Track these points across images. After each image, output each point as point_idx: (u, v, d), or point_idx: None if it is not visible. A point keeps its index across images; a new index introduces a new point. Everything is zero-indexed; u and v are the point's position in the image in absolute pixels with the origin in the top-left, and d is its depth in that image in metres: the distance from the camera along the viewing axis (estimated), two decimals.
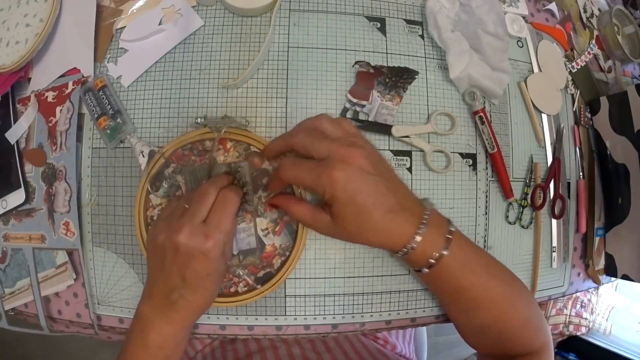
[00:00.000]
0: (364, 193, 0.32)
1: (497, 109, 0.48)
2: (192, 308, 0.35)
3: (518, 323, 0.38)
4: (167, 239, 0.33)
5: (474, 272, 0.36)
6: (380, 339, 0.57)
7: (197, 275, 0.33)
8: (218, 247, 0.33)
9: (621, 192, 0.52)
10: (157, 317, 0.35)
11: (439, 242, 0.34)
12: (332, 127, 0.34)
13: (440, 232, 0.34)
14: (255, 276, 0.41)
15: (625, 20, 0.60)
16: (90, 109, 0.42)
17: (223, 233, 0.34)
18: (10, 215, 0.45)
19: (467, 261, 0.36)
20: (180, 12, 0.43)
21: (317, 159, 0.33)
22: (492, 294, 0.37)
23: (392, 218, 0.33)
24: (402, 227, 0.33)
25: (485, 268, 0.37)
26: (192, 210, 0.34)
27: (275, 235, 0.41)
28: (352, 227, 0.33)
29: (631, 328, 1.49)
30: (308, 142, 0.33)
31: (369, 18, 0.46)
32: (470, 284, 0.36)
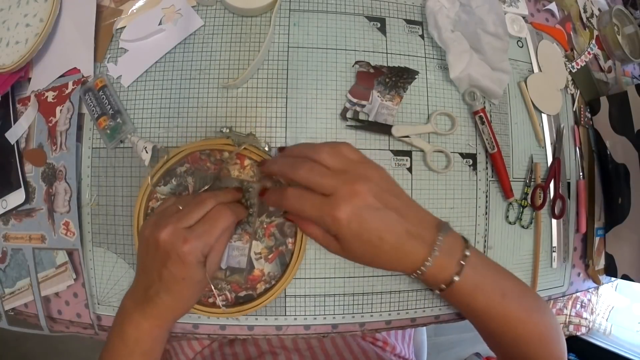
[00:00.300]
0: (370, 230, 0.32)
1: (497, 109, 0.48)
2: (165, 308, 0.35)
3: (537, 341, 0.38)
4: (151, 234, 0.34)
5: (488, 297, 0.36)
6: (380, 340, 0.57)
7: (172, 277, 0.33)
8: (193, 255, 0.33)
9: (621, 192, 0.52)
10: (135, 310, 0.35)
11: (451, 267, 0.34)
12: (333, 159, 0.34)
13: (453, 258, 0.34)
14: (236, 294, 0.41)
15: (625, 20, 0.60)
16: (90, 109, 0.42)
17: (203, 243, 0.33)
18: (10, 215, 0.45)
19: (481, 285, 0.35)
20: (180, 12, 0.43)
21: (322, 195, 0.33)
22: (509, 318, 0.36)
23: (400, 248, 0.33)
24: (413, 255, 0.34)
25: (502, 291, 0.36)
26: (182, 214, 0.34)
27: (267, 262, 0.41)
28: (361, 259, 0.35)
29: (631, 328, 1.49)
30: (312, 181, 0.33)
31: (369, 18, 0.46)
32: (483, 306, 0.36)
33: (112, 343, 0.36)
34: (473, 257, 0.35)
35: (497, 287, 0.36)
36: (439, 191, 0.45)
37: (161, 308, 0.35)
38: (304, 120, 0.43)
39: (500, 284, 0.37)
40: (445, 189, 0.45)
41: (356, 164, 0.34)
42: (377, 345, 0.57)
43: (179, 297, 0.35)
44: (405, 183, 0.44)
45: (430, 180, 0.45)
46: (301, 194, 0.34)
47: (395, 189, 0.35)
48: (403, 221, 0.33)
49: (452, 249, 0.34)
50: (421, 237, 0.34)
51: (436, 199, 0.45)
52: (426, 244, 0.33)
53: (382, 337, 0.58)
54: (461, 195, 0.46)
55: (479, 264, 0.36)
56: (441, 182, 0.45)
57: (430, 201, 0.45)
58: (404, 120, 0.45)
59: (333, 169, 0.33)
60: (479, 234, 0.46)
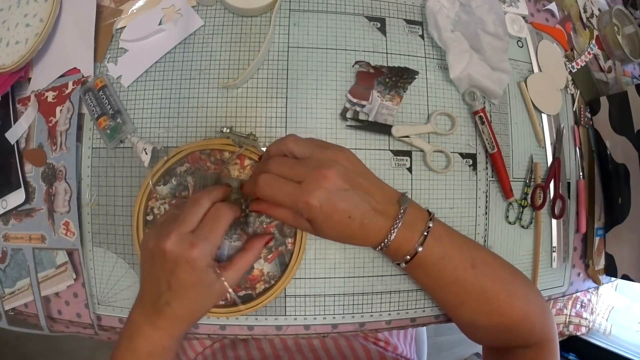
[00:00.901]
0: (340, 210, 0.33)
1: (497, 109, 0.48)
2: (178, 317, 0.35)
3: (515, 317, 0.38)
4: (155, 245, 0.33)
5: (456, 267, 0.37)
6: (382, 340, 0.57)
7: (181, 284, 0.33)
8: (204, 258, 0.33)
9: (621, 192, 0.52)
10: (145, 323, 0.35)
11: (414, 239, 0.36)
12: (299, 147, 0.35)
13: (415, 230, 0.36)
14: (235, 294, 0.41)
15: (625, 20, 0.60)
16: (90, 109, 0.42)
17: (211, 245, 0.33)
18: (10, 215, 0.45)
19: (448, 256, 0.36)
20: (180, 12, 0.43)
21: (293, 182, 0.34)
22: (481, 289, 0.37)
23: (367, 223, 0.34)
24: (377, 228, 0.35)
25: (472, 262, 0.37)
26: (181, 218, 0.34)
27: (266, 262, 0.41)
28: (331, 236, 0.36)
29: (631, 328, 1.49)
30: (282, 167, 0.34)
31: (369, 18, 0.46)
32: (452, 278, 0.37)
33: (122, 357, 0.35)
34: (437, 229, 0.36)
35: (467, 258, 0.37)
36: (439, 191, 0.45)
37: (172, 318, 0.34)
38: (304, 120, 0.43)
39: (471, 254, 0.37)
40: (445, 189, 0.45)
41: (321, 148, 0.35)
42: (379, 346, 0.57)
43: (189, 304, 0.34)
44: (405, 183, 0.44)
45: (430, 180, 0.45)
46: (272, 181, 0.34)
47: (361, 168, 0.36)
48: (369, 198, 0.34)
49: (415, 221, 0.36)
50: (385, 212, 0.35)
51: (436, 199, 0.45)
52: (389, 218, 0.35)
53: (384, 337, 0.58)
54: (461, 195, 0.46)
55: (445, 235, 0.37)
56: (441, 182, 0.45)
57: (430, 201, 0.45)
58: (404, 120, 0.45)
59: (300, 156, 0.35)
60: (479, 234, 0.46)
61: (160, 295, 0.34)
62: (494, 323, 0.38)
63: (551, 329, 0.40)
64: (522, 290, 0.39)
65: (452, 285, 0.37)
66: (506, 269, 0.39)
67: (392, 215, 0.35)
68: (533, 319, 0.39)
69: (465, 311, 0.39)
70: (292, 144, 0.35)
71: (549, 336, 0.40)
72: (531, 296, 0.40)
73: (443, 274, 0.37)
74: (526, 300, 0.39)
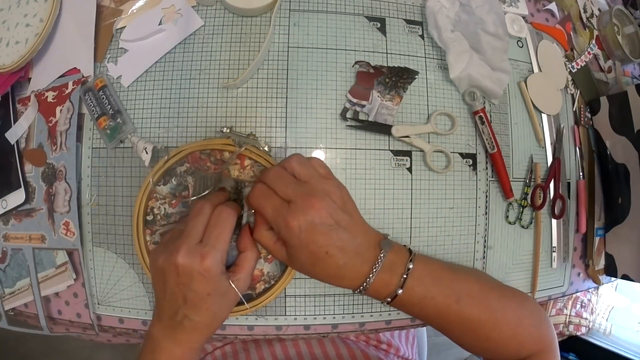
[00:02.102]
0: (318, 244, 0.33)
1: (497, 109, 0.48)
2: (197, 329, 0.35)
3: (503, 340, 0.38)
4: (165, 261, 0.33)
5: (438, 304, 0.37)
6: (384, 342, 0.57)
7: (197, 296, 0.33)
8: (216, 266, 0.33)
9: (621, 192, 0.52)
10: (165, 338, 0.35)
11: (393, 282, 0.36)
12: (301, 169, 0.35)
13: (394, 273, 0.36)
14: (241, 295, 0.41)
15: (625, 20, 0.60)
16: (90, 109, 0.42)
17: (220, 251, 0.33)
18: (10, 215, 0.45)
19: (430, 295, 0.36)
20: (180, 12, 0.43)
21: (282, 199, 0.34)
22: (467, 319, 0.37)
23: (344, 265, 0.34)
24: (355, 271, 0.35)
25: (456, 298, 0.37)
26: (188, 231, 0.34)
27: (266, 262, 0.41)
28: (306, 268, 0.36)
29: (631, 328, 1.49)
30: (276, 186, 0.35)
31: (369, 18, 0.46)
32: (437, 313, 0.37)
33: None
34: (418, 269, 0.36)
35: (450, 293, 0.37)
36: (439, 191, 0.45)
37: (192, 331, 0.35)
38: (304, 120, 0.43)
39: (455, 289, 0.37)
40: (445, 189, 0.45)
41: (321, 178, 0.35)
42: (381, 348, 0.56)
43: (207, 314, 0.34)
44: (405, 183, 0.44)
45: (430, 180, 0.45)
46: (266, 193, 0.35)
47: (350, 207, 0.36)
48: (351, 240, 0.34)
49: (394, 264, 0.36)
50: (364, 255, 0.35)
51: (436, 199, 0.45)
52: (368, 262, 0.35)
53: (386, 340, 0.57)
54: (461, 195, 0.46)
55: (426, 274, 0.37)
56: (441, 182, 0.45)
57: (430, 201, 0.45)
58: (404, 120, 0.45)
59: (299, 178, 0.35)
60: (479, 234, 0.46)
61: (178, 310, 0.34)
62: (480, 347, 0.39)
63: (546, 339, 0.40)
64: (511, 313, 0.39)
65: (435, 319, 0.38)
66: (494, 296, 0.39)
67: (371, 259, 0.35)
68: (522, 340, 0.39)
69: (453, 337, 0.40)
70: (296, 164, 0.35)
71: (543, 347, 0.40)
72: (523, 315, 0.39)
73: (426, 311, 0.37)
74: (516, 323, 0.39)
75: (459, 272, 0.39)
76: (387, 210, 0.44)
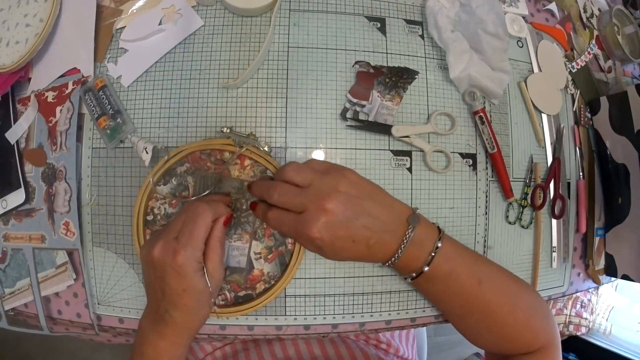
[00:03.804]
0: (342, 238, 0.34)
1: (497, 109, 0.48)
2: (177, 324, 0.35)
3: (518, 328, 0.38)
4: (147, 254, 0.34)
5: (463, 283, 0.37)
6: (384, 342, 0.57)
7: (174, 291, 0.34)
8: (189, 264, 0.33)
9: (621, 192, 0.52)
10: (152, 331, 0.36)
11: (421, 258, 0.36)
12: (299, 175, 0.35)
13: (423, 249, 0.36)
14: (235, 294, 0.41)
15: (625, 20, 0.60)
16: (90, 109, 0.42)
17: (193, 248, 0.33)
18: (10, 215, 0.45)
19: (455, 273, 0.37)
20: (180, 12, 0.43)
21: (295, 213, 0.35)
22: (486, 302, 0.38)
23: (373, 244, 0.35)
24: (385, 247, 0.36)
25: (478, 278, 0.37)
26: (169, 225, 0.35)
27: (266, 262, 0.41)
28: (339, 259, 0.37)
29: (631, 328, 1.49)
30: (284, 203, 0.35)
31: (369, 18, 0.46)
32: (459, 291, 0.37)
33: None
34: (446, 247, 0.37)
35: (473, 274, 0.37)
36: (439, 191, 0.45)
37: (173, 325, 0.35)
38: (304, 120, 0.43)
39: (477, 270, 0.38)
40: (445, 189, 0.45)
41: (322, 175, 0.35)
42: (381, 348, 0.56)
43: (186, 310, 0.35)
44: (405, 183, 0.44)
45: (430, 180, 0.45)
46: (278, 216, 0.36)
47: (366, 189, 0.36)
48: (374, 221, 0.35)
49: (423, 241, 0.36)
50: (393, 231, 0.36)
51: (436, 199, 0.45)
52: (397, 238, 0.36)
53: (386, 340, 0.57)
54: (461, 195, 0.46)
55: (453, 253, 0.37)
56: (441, 182, 0.45)
57: (430, 201, 0.45)
58: (404, 120, 0.45)
59: (300, 185, 0.35)
60: (479, 234, 0.46)
61: (159, 303, 0.34)
62: (498, 333, 0.39)
63: (554, 334, 0.41)
64: (525, 301, 0.39)
65: (457, 298, 0.38)
66: (511, 281, 0.40)
67: (400, 234, 0.36)
68: (536, 328, 0.39)
69: (469, 322, 0.40)
70: (293, 172, 0.36)
71: (551, 341, 0.40)
72: (535, 305, 0.40)
73: (449, 289, 0.37)
74: (530, 311, 0.39)
75: (480, 256, 0.40)
76: None
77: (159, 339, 0.35)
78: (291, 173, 0.36)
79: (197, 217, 0.34)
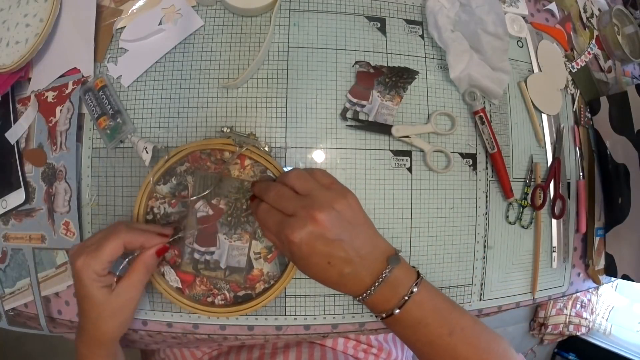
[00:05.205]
0: (319, 254, 0.34)
1: (497, 109, 0.48)
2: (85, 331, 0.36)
3: None
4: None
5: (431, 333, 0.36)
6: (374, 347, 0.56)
7: (77, 294, 0.35)
8: (85, 271, 0.34)
9: (621, 192, 0.52)
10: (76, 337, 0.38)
11: (393, 300, 0.35)
12: (300, 183, 0.35)
13: (396, 292, 0.35)
14: (235, 294, 0.41)
15: (625, 20, 0.60)
16: (90, 109, 0.42)
17: (95, 260, 0.34)
18: (10, 215, 0.45)
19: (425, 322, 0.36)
20: (180, 12, 0.43)
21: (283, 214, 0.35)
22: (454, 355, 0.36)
23: (347, 274, 0.34)
24: (357, 281, 0.35)
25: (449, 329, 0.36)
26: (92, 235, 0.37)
27: (266, 262, 0.41)
28: (311, 275, 0.36)
29: (631, 328, 1.50)
30: (277, 203, 0.35)
31: (369, 18, 0.46)
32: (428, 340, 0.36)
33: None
34: (421, 294, 0.36)
35: (445, 325, 0.36)
36: (439, 191, 0.45)
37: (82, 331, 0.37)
38: (304, 120, 0.43)
39: (450, 321, 0.37)
40: (445, 189, 0.45)
41: (322, 189, 0.35)
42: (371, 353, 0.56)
43: (87, 317, 0.35)
44: (405, 183, 0.44)
45: (430, 180, 0.45)
46: (269, 210, 0.36)
47: (360, 217, 0.36)
48: (356, 250, 0.34)
49: (398, 283, 0.35)
50: (369, 268, 0.35)
51: (436, 199, 0.45)
52: (373, 275, 0.35)
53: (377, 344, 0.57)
54: (461, 195, 0.46)
55: (427, 301, 0.36)
56: (441, 182, 0.45)
57: (430, 201, 0.45)
58: (404, 120, 0.45)
59: (299, 192, 0.35)
60: (479, 234, 0.46)
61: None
62: None
63: None
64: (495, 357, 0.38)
65: (425, 347, 0.37)
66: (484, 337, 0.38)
67: (377, 272, 0.35)
68: None
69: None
70: (295, 179, 0.36)
71: None
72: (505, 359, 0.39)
73: (417, 336, 0.37)
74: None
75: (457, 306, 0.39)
76: (387, 210, 0.44)
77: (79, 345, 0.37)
78: (293, 179, 0.36)
79: (110, 235, 0.35)
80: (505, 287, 0.48)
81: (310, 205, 0.34)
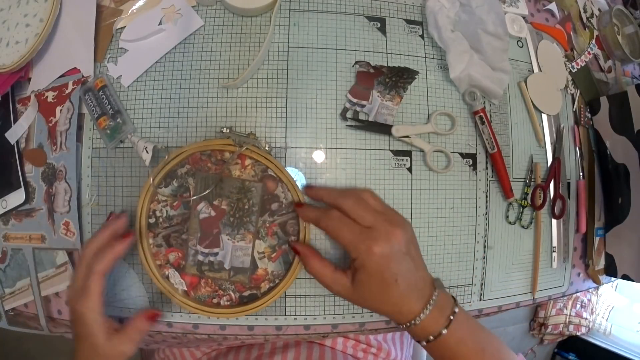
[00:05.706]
0: (392, 271, 0.35)
1: (497, 108, 0.48)
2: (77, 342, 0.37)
3: None
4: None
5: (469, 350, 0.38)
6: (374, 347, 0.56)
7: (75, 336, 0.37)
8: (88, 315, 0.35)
9: (621, 192, 0.52)
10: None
11: (440, 322, 0.36)
12: (375, 201, 0.38)
13: (443, 313, 0.37)
14: (240, 294, 0.41)
15: (625, 20, 0.60)
16: (90, 109, 0.42)
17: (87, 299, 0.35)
18: (10, 215, 0.45)
19: (464, 341, 0.37)
20: (180, 12, 0.43)
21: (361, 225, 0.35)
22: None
23: (407, 295, 0.36)
24: (411, 306, 0.36)
25: (481, 346, 0.38)
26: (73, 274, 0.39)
27: (270, 261, 0.41)
28: (370, 296, 0.36)
29: (631, 328, 1.50)
30: (357, 208, 0.36)
31: (369, 18, 0.46)
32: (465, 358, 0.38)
33: None
34: (460, 314, 0.37)
35: (478, 343, 0.38)
36: (439, 191, 0.45)
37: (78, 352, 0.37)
38: (304, 120, 0.43)
39: (481, 339, 0.39)
40: (445, 189, 0.45)
41: (392, 211, 0.38)
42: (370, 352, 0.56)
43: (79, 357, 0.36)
44: (405, 183, 0.44)
45: (430, 180, 0.45)
46: (343, 217, 0.36)
47: (415, 243, 0.38)
48: (415, 272, 0.36)
49: (444, 305, 0.37)
50: (421, 291, 0.37)
51: (436, 199, 0.45)
52: (424, 298, 0.36)
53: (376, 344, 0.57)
54: (461, 195, 0.46)
55: (464, 321, 0.38)
56: (441, 182, 0.45)
57: (430, 201, 0.45)
58: (404, 120, 0.45)
59: (374, 208, 0.37)
60: (479, 234, 0.46)
61: None
62: None
63: None
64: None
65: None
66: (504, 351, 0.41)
67: (426, 296, 0.37)
68: None
69: None
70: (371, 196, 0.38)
71: None
72: None
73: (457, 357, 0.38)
74: None
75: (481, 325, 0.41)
76: None
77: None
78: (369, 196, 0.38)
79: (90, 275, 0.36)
80: (505, 287, 0.48)
81: (389, 221, 0.36)
